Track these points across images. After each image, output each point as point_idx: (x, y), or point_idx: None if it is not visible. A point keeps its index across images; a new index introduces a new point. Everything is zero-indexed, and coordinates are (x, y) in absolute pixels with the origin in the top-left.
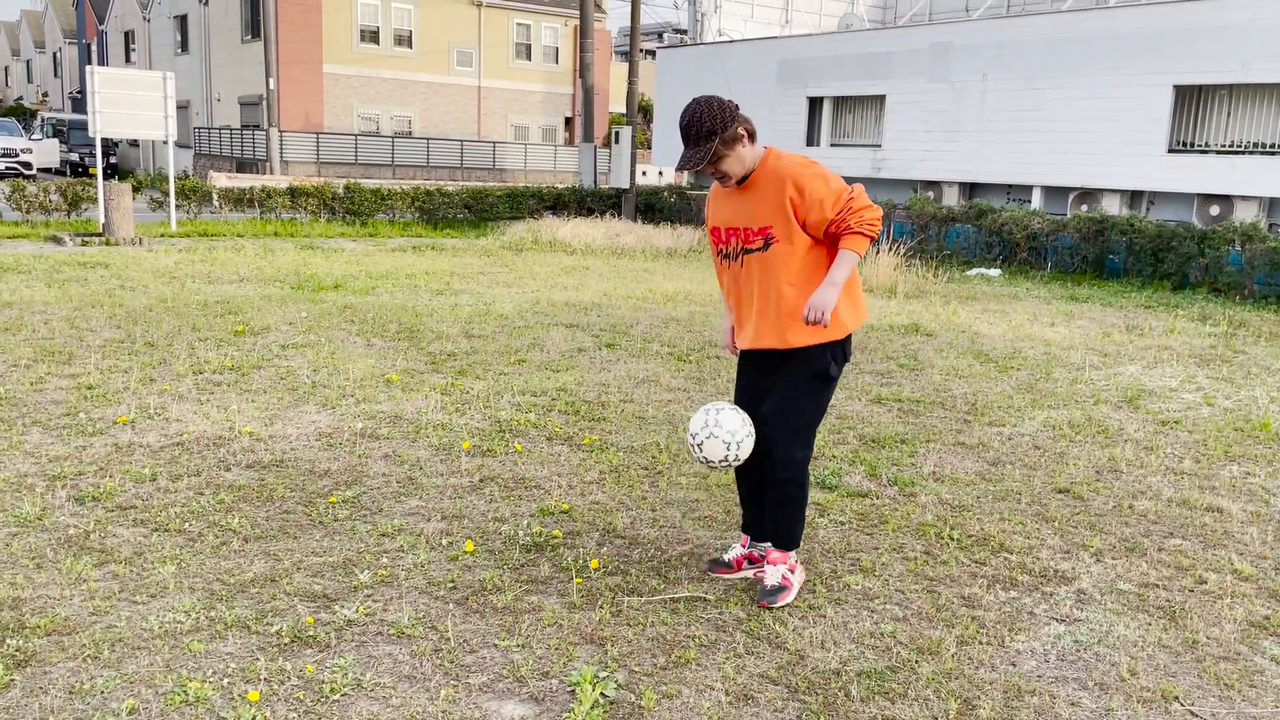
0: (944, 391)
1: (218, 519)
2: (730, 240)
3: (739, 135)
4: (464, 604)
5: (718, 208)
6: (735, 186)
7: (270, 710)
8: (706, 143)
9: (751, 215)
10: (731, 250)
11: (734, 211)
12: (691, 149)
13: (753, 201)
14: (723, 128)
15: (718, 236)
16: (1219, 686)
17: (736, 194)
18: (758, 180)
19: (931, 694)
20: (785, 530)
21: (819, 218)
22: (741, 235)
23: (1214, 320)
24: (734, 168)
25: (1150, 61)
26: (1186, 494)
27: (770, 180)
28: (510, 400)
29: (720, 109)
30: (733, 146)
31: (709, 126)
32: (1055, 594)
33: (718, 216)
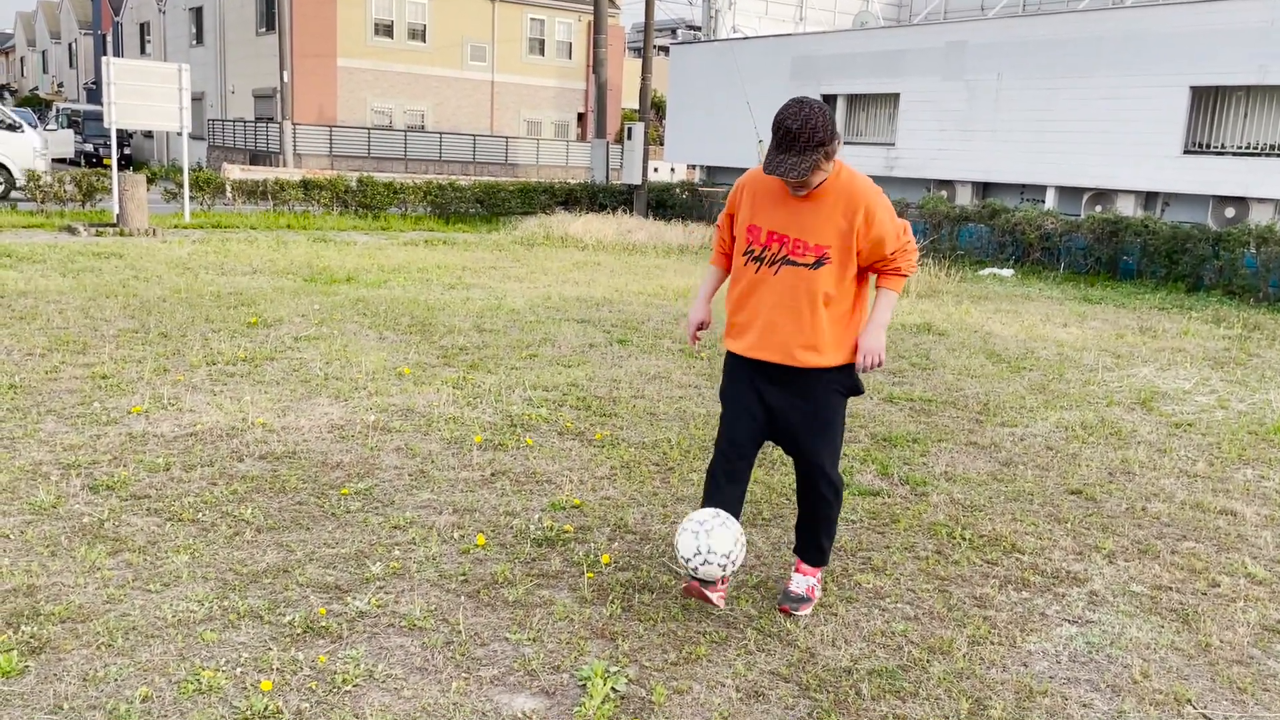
0: (956, 391)
1: (231, 509)
2: (771, 244)
3: (834, 152)
4: (475, 597)
5: (761, 205)
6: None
7: (283, 700)
8: (814, 153)
9: (809, 229)
10: (770, 256)
11: (786, 218)
12: (797, 156)
13: (814, 215)
14: (830, 139)
15: (755, 237)
16: (1232, 690)
17: (791, 199)
18: (826, 194)
19: (943, 693)
20: (823, 545)
21: (875, 252)
22: (790, 245)
23: (1228, 323)
24: (816, 182)
25: (1167, 62)
26: (1200, 497)
27: (841, 198)
28: (522, 395)
29: (830, 119)
30: (831, 160)
31: (821, 137)
32: (1067, 595)
33: (761, 216)
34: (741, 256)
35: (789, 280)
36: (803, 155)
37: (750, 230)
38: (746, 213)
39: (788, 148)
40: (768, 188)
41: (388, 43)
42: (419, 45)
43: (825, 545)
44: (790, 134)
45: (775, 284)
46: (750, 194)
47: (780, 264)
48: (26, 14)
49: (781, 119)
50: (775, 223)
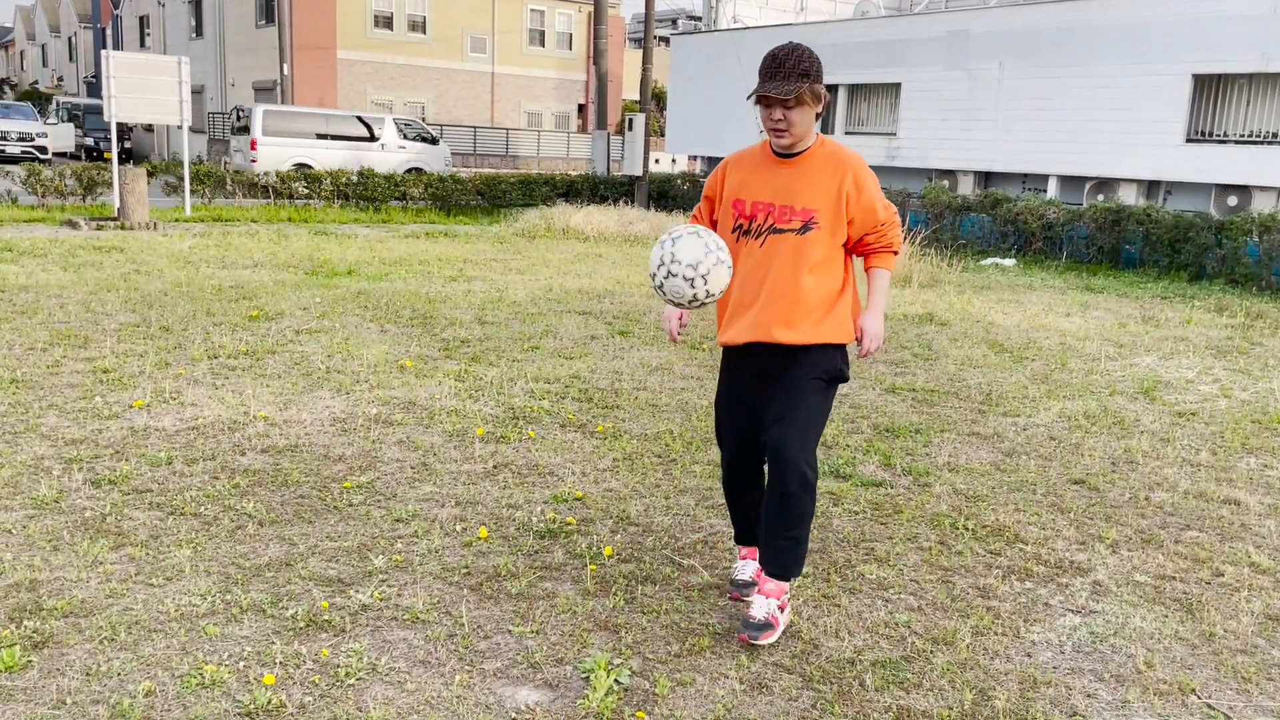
0: (958, 381)
1: (233, 503)
2: (757, 215)
3: (821, 95)
4: (478, 590)
5: (745, 179)
6: (778, 158)
7: (286, 694)
8: (800, 81)
9: (795, 194)
10: (756, 228)
11: (771, 186)
12: (782, 80)
13: (799, 180)
14: (816, 77)
15: (741, 210)
16: (1236, 679)
17: (776, 167)
18: (810, 160)
19: (946, 684)
20: (787, 555)
21: (867, 220)
22: (776, 213)
23: (1231, 311)
24: (800, 125)
25: (1168, 51)
26: (1203, 486)
27: (826, 164)
28: (524, 387)
29: (818, 60)
30: (815, 104)
31: (806, 67)
32: (1071, 585)
33: (745, 189)
34: (730, 235)
35: (774, 249)
36: (788, 80)
37: (735, 205)
38: (731, 190)
39: (773, 74)
40: (751, 162)
41: (387, 34)
42: (419, 37)
43: (792, 557)
44: (776, 59)
45: (761, 256)
46: (733, 171)
47: (767, 234)
48: (26, 8)
49: (770, 52)
50: (760, 193)
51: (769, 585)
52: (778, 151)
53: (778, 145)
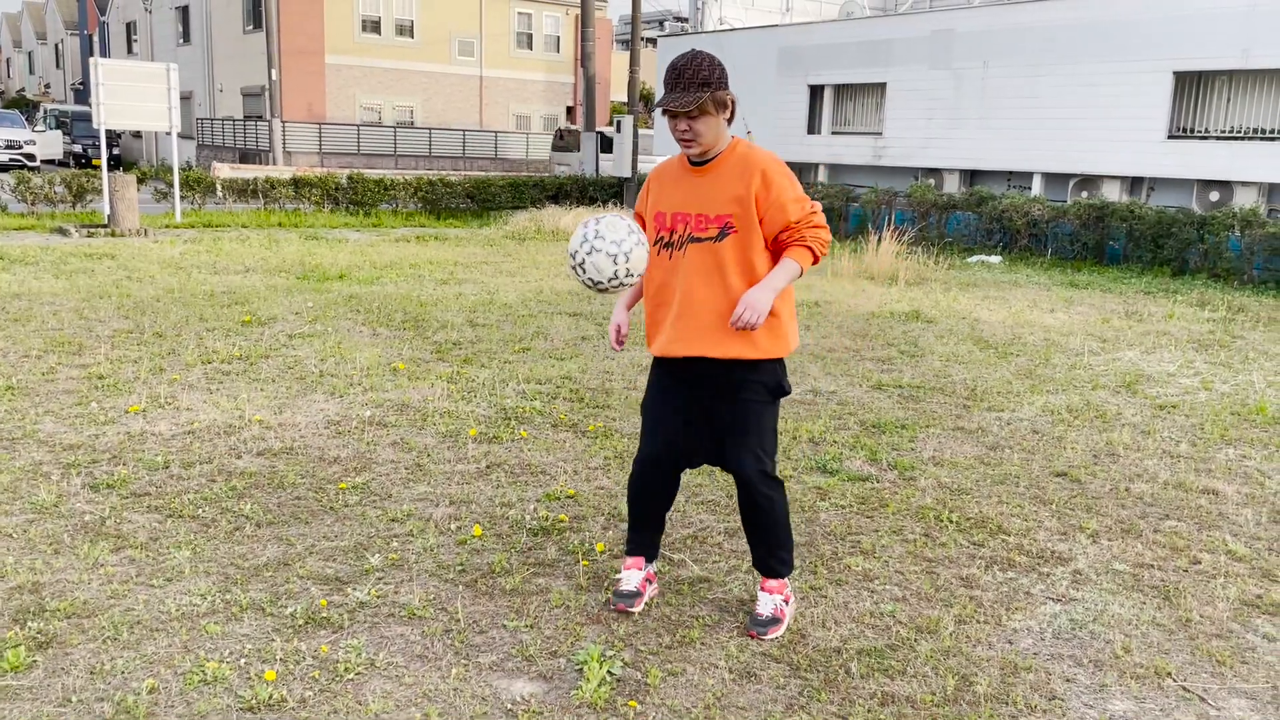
0: (944, 377)
1: (230, 505)
2: (677, 226)
3: (726, 103)
4: (473, 586)
5: (664, 191)
6: (692, 167)
7: (287, 689)
8: (699, 91)
9: (708, 201)
10: (676, 239)
11: (686, 195)
12: (681, 91)
13: (712, 187)
14: (718, 84)
15: (662, 222)
16: (1211, 663)
17: (690, 176)
18: (721, 165)
19: (930, 671)
20: (775, 558)
21: (779, 218)
22: (693, 221)
23: (1212, 306)
24: (707, 134)
25: (1150, 48)
26: (1182, 477)
27: (737, 167)
28: (515, 388)
29: (721, 66)
30: (719, 111)
31: (706, 76)
32: (1052, 574)
33: (665, 200)
34: (654, 248)
35: (696, 259)
36: (688, 91)
37: (657, 218)
38: (654, 204)
39: (673, 85)
40: (671, 174)
41: (375, 39)
42: (407, 41)
43: (783, 555)
44: (676, 69)
45: (684, 266)
46: (655, 185)
47: (686, 243)
48: (12, 15)
49: (671, 62)
50: (678, 204)
51: (770, 583)
52: (692, 161)
53: (688, 155)
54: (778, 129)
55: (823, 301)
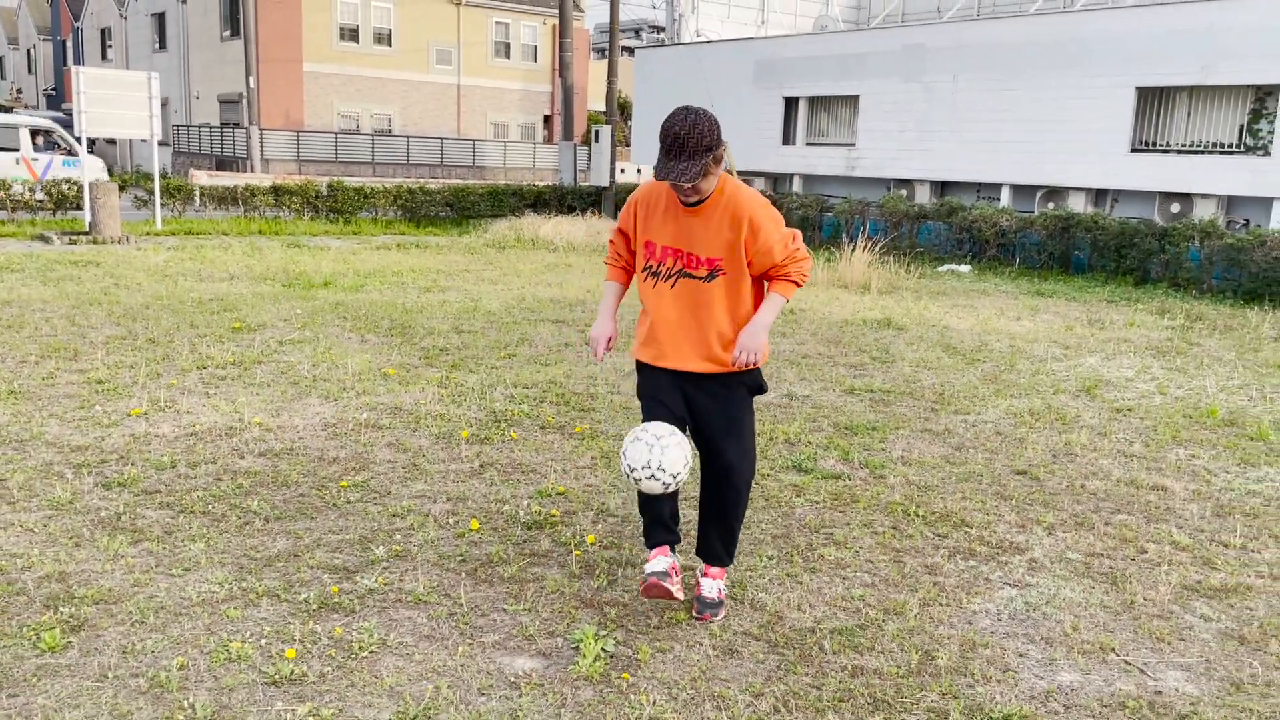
0: (913, 382)
1: (238, 501)
2: (666, 259)
3: (722, 156)
4: (474, 574)
5: (653, 222)
6: (684, 205)
7: (306, 665)
8: (703, 157)
9: (699, 242)
10: (665, 271)
11: (677, 231)
12: (687, 161)
13: (703, 228)
14: (717, 145)
15: (651, 253)
16: (1152, 640)
17: (681, 213)
18: (712, 208)
19: (896, 647)
20: (732, 546)
21: (766, 261)
22: (684, 259)
23: (1172, 314)
24: (709, 188)
25: (1114, 63)
26: (1135, 474)
27: (727, 212)
28: (503, 392)
29: (716, 125)
30: (718, 167)
31: (708, 142)
32: (1009, 563)
33: (654, 231)
34: (641, 273)
35: (686, 293)
36: (693, 160)
37: (647, 247)
38: (642, 231)
39: (677, 154)
40: (660, 203)
41: (353, 47)
42: (385, 49)
43: (730, 547)
44: (679, 139)
45: (674, 298)
46: (644, 211)
47: (677, 277)
48: None
49: (669, 125)
50: (669, 238)
51: (714, 570)
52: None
53: (686, 204)
54: (753, 140)
55: (798, 310)
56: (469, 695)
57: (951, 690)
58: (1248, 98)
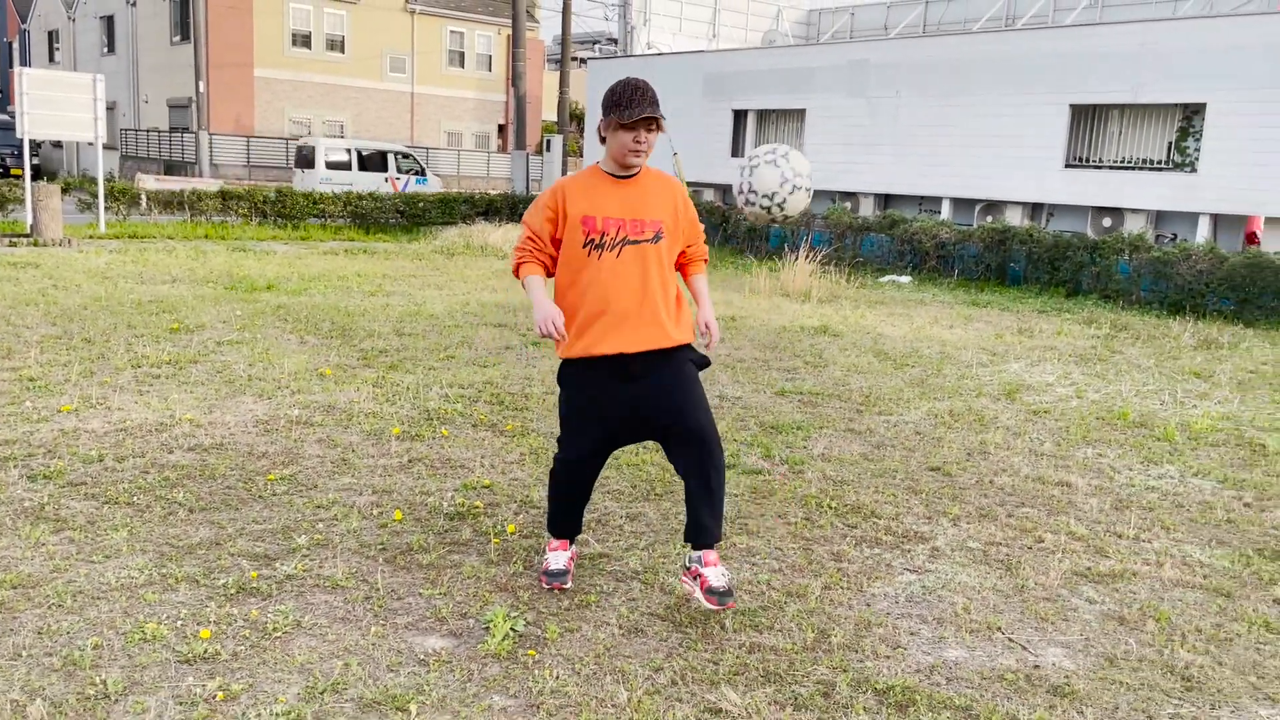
0: (843, 385)
1: (163, 493)
2: (609, 229)
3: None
4: (393, 562)
5: (591, 199)
6: (615, 179)
7: (220, 645)
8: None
9: (641, 208)
10: (609, 240)
11: (619, 203)
12: (651, 106)
13: (643, 196)
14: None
15: (592, 226)
16: (1037, 620)
17: (618, 186)
18: (645, 179)
19: (794, 626)
20: (721, 519)
21: (692, 230)
22: (629, 226)
23: (1098, 324)
24: (649, 150)
25: (1049, 82)
26: (1042, 471)
27: (661, 183)
28: (439, 392)
29: None
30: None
31: (655, 95)
32: (913, 551)
33: (594, 207)
34: (581, 249)
35: (632, 258)
36: (655, 105)
37: (585, 221)
38: (577, 210)
39: (640, 101)
40: (591, 184)
41: (306, 53)
42: (338, 56)
43: (721, 521)
44: (639, 88)
45: (619, 266)
46: (574, 195)
47: (622, 245)
48: None
49: (627, 82)
50: (610, 210)
51: (712, 555)
52: (617, 174)
53: (634, 164)
54: (703, 152)
55: (739, 316)
56: (378, 671)
57: (842, 664)
58: (1175, 116)
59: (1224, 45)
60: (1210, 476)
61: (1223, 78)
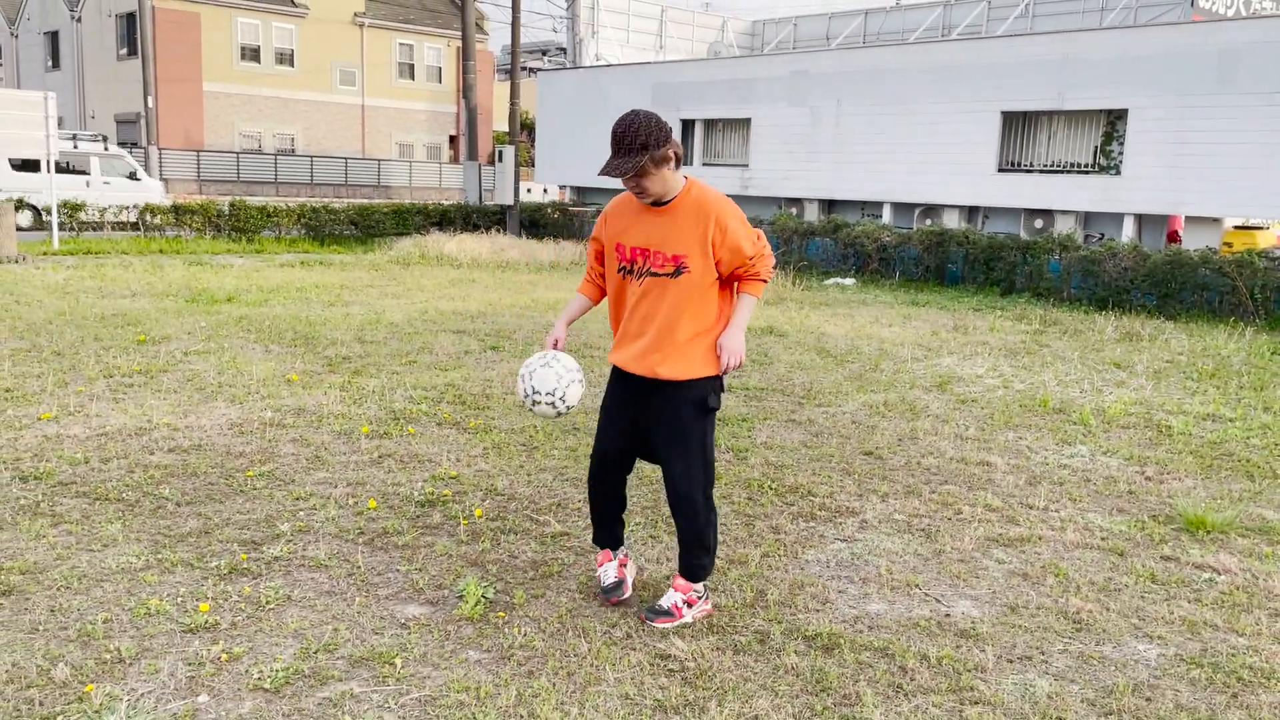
0: (786, 381)
1: (151, 490)
2: (636, 259)
3: (668, 157)
4: (371, 544)
5: (624, 225)
6: (651, 206)
7: (219, 616)
8: (637, 155)
9: (666, 240)
10: (636, 269)
11: (646, 232)
12: (621, 158)
13: (670, 227)
14: (655, 145)
15: (623, 253)
16: (950, 578)
17: (649, 214)
18: (678, 207)
19: (735, 587)
20: (696, 564)
21: (734, 259)
22: (651, 257)
23: (1029, 320)
24: (655, 187)
25: (981, 90)
26: (966, 453)
27: (692, 211)
28: (404, 394)
29: (658, 126)
30: (660, 166)
31: (643, 140)
32: (844, 523)
33: (624, 233)
34: (616, 274)
35: (651, 290)
36: (627, 156)
37: (618, 249)
38: (612, 235)
39: (615, 150)
40: (629, 209)
41: (255, 67)
42: (287, 70)
43: (700, 563)
44: (616, 137)
45: (640, 294)
46: (612, 219)
47: (645, 275)
48: None
49: (613, 126)
50: (637, 238)
51: (680, 582)
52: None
53: (643, 201)
54: None
55: None
56: (364, 635)
57: (777, 617)
58: (1100, 122)
59: (1143, 54)
60: (1118, 455)
61: (1142, 85)
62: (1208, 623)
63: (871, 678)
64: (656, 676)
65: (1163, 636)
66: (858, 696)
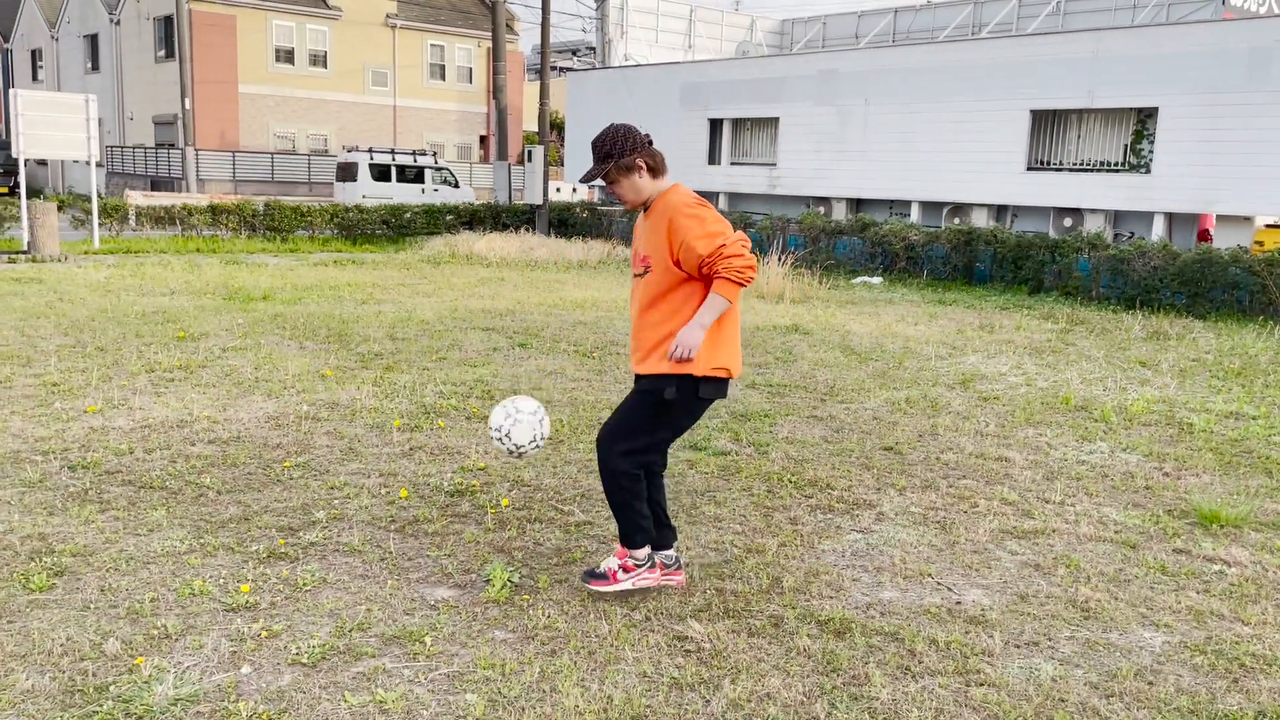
0: (809, 378)
1: (192, 479)
2: (632, 262)
3: (635, 166)
4: (402, 531)
5: (636, 231)
6: (642, 212)
7: (259, 597)
8: (602, 164)
9: (642, 242)
10: (632, 271)
11: (637, 237)
12: (593, 165)
13: (645, 230)
14: (619, 154)
15: (633, 258)
16: (963, 568)
17: (640, 220)
18: (652, 213)
19: (753, 575)
20: (620, 528)
21: (689, 256)
22: (636, 260)
23: (1056, 319)
24: (627, 194)
25: (1011, 88)
26: (985, 449)
27: (660, 213)
28: (434, 389)
29: (624, 137)
30: (627, 174)
31: (607, 150)
32: (861, 515)
33: (634, 238)
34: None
35: (635, 290)
36: (597, 164)
37: (633, 253)
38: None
39: (592, 159)
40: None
41: (289, 69)
42: (320, 71)
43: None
44: (592, 145)
45: (631, 294)
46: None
47: (634, 277)
48: None
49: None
50: (634, 243)
51: (617, 547)
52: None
53: (625, 207)
54: (681, 159)
55: None
56: (396, 615)
57: (792, 603)
58: (1130, 120)
59: (1174, 52)
60: (1137, 451)
61: (1173, 83)
62: (1214, 612)
63: (881, 660)
64: (673, 656)
65: (1169, 625)
66: (866, 677)
